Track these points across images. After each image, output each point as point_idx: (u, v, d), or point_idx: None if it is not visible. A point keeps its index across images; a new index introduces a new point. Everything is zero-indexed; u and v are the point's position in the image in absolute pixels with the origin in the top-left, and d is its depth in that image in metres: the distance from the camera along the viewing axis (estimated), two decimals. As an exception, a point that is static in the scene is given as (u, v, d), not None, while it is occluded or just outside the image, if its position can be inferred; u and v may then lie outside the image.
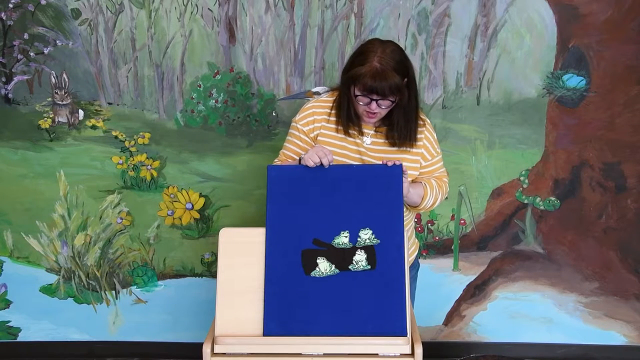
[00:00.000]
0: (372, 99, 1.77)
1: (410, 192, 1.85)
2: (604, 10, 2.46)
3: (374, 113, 1.81)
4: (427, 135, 1.95)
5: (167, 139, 2.64)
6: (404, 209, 1.79)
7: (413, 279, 2.20)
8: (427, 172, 1.97)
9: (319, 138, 1.93)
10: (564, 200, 2.68)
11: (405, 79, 1.79)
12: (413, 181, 1.95)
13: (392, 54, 1.76)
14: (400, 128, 1.87)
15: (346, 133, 1.90)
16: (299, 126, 1.95)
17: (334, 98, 1.94)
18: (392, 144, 1.90)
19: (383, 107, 1.80)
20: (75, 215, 2.71)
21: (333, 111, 1.92)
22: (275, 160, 2.00)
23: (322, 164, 1.74)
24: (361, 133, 1.91)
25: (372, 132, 1.92)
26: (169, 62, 2.55)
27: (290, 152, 1.97)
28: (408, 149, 1.91)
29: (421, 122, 1.94)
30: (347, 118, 1.87)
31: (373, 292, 1.65)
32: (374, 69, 1.73)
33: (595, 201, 2.68)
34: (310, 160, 1.74)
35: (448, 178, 2.04)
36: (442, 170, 2.02)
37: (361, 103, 1.80)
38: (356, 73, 1.76)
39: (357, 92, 1.78)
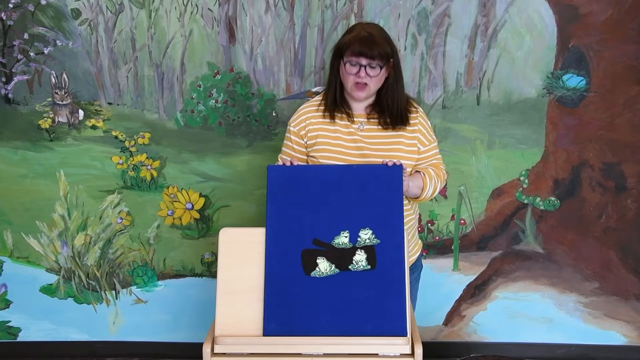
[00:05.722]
0: (360, 65, 1.84)
1: (410, 186, 1.88)
2: (604, 10, 2.46)
3: (364, 84, 1.87)
4: (420, 121, 2.00)
5: (167, 139, 2.64)
6: (406, 202, 1.79)
7: (415, 280, 2.20)
8: (424, 157, 2.01)
9: (309, 135, 1.97)
10: (564, 200, 2.68)
11: (392, 60, 1.88)
12: (415, 171, 1.97)
13: (377, 27, 1.92)
14: (390, 109, 1.94)
15: (332, 117, 1.95)
16: (291, 128, 2.03)
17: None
18: (386, 128, 1.95)
19: (371, 75, 1.86)
20: (75, 215, 2.71)
21: (322, 101, 1.99)
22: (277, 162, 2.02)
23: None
24: (350, 118, 1.94)
25: (364, 119, 1.95)
26: (169, 62, 2.55)
27: (286, 156, 2.02)
28: (402, 132, 1.95)
29: (414, 109, 2.00)
30: (333, 100, 1.94)
31: (373, 292, 1.65)
32: (361, 34, 1.86)
33: (595, 201, 2.68)
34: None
35: (444, 166, 2.08)
36: (439, 157, 2.06)
37: (350, 73, 1.86)
38: (344, 41, 1.89)
39: (346, 59, 1.86)
